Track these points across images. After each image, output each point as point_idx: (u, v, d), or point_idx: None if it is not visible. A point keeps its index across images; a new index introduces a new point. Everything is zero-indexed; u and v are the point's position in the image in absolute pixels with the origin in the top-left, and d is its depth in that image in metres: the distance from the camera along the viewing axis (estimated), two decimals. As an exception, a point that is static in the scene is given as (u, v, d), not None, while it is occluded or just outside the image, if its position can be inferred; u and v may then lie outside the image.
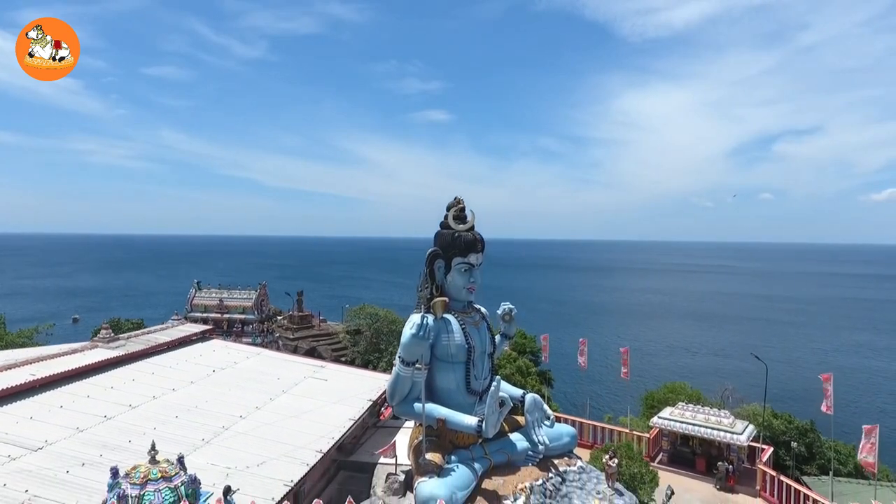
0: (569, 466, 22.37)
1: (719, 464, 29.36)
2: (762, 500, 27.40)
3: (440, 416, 19.32)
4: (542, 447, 21.25)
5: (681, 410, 32.28)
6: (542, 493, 19.89)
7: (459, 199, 22.64)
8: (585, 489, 21.59)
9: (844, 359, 70.72)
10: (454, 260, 21.45)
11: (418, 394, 19.08)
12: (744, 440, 29.09)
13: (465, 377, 20.64)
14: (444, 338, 20.37)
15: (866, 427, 21.35)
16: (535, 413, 21.87)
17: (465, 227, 21.89)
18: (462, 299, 21.87)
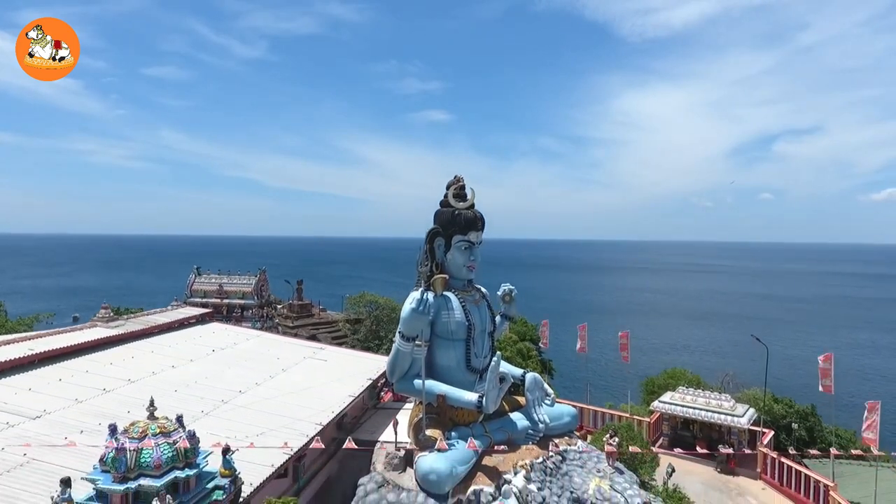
0: (569, 446, 22.32)
1: (720, 447, 29.27)
2: (763, 482, 27.38)
3: (440, 392, 19.26)
4: (543, 426, 21.19)
5: (681, 394, 32.24)
6: (542, 470, 19.84)
7: (459, 177, 22.50)
8: (586, 468, 21.54)
9: (844, 354, 70.75)
10: (454, 238, 21.35)
11: (418, 371, 19.01)
12: (744, 423, 29.05)
13: (466, 354, 20.57)
14: (445, 315, 20.28)
15: (869, 403, 21.31)
16: (536, 392, 21.80)
17: (465, 205, 21.77)
18: (462, 277, 21.77)
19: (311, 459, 20.00)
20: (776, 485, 26.66)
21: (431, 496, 16.39)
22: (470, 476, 17.75)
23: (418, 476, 16.82)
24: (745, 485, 27.34)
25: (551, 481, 19.75)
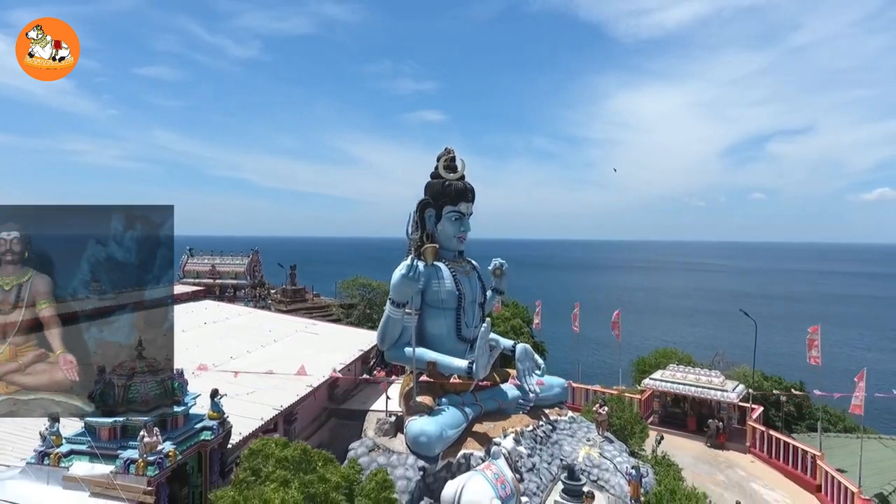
0: (559, 416, 22.56)
1: (710, 421, 29.59)
2: (752, 455, 27.65)
3: (431, 359, 19.37)
4: (533, 395, 21.38)
5: (671, 372, 32.46)
6: (533, 438, 20.04)
7: (450, 149, 22.54)
8: (576, 437, 21.77)
9: (834, 350, 71.25)
10: (445, 209, 21.43)
11: (409, 339, 19.11)
12: (734, 397, 29.31)
13: (456, 323, 20.69)
14: (435, 284, 20.39)
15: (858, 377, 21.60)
16: (526, 362, 21.96)
17: (455, 177, 21.84)
18: (453, 248, 21.87)
19: (301, 425, 20.10)
20: (765, 457, 26.94)
21: (421, 458, 16.53)
22: (460, 441, 17.92)
23: (408, 439, 16.96)
24: (734, 458, 27.60)
25: (541, 449, 19.96)
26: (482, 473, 15.21)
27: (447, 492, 15.00)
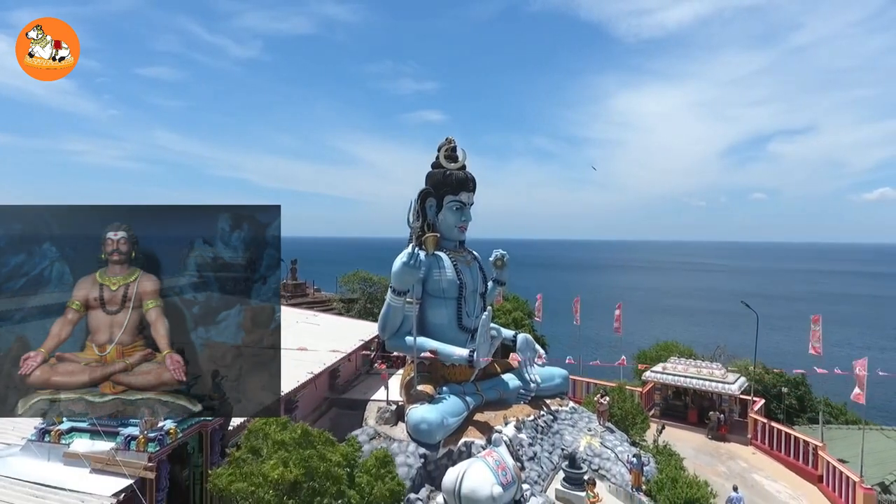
0: (561, 406, 22.54)
1: (711, 413, 29.53)
2: (753, 447, 27.60)
3: (431, 347, 19.34)
4: (535, 385, 21.37)
5: (673, 364, 32.40)
6: (534, 428, 20.03)
7: (451, 138, 22.51)
8: (577, 427, 21.75)
9: (838, 349, 70.92)
10: (446, 198, 21.41)
11: (410, 328, 19.10)
12: (735, 389, 29.25)
13: (457, 313, 20.67)
14: (436, 273, 20.37)
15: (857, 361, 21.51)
16: (527, 352, 21.95)
17: (456, 166, 21.82)
18: (454, 238, 21.85)
19: (302, 413, 20.07)
20: (766, 449, 26.88)
21: (422, 445, 16.53)
22: (461, 429, 17.92)
23: (409, 426, 16.96)
24: (735, 450, 27.55)
25: (542, 438, 19.96)
26: (483, 460, 15.19)
27: (448, 478, 14.99)
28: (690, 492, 17.06)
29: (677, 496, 16.92)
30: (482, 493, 14.15)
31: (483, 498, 14.12)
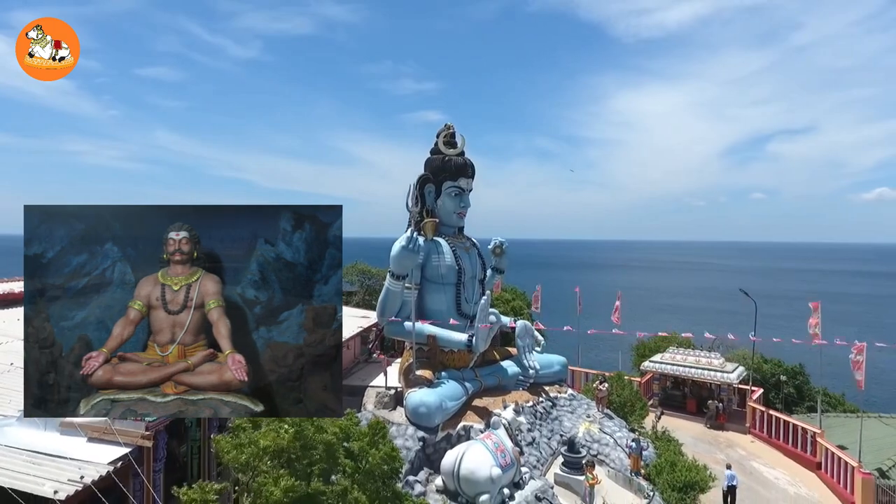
0: (559, 393, 22.55)
1: (709, 402, 29.54)
2: (752, 435, 27.63)
3: (430, 332, 19.32)
4: (533, 372, 21.35)
5: (671, 354, 32.41)
6: (532, 414, 20.02)
7: (450, 124, 22.43)
8: (576, 413, 21.74)
9: (836, 349, 70.80)
10: (444, 184, 21.35)
11: (409, 314, 19.07)
12: (734, 378, 29.26)
13: (456, 299, 20.63)
14: (435, 259, 20.32)
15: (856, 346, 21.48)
16: (526, 338, 21.92)
17: (455, 152, 21.75)
18: (453, 224, 21.80)
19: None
20: (765, 437, 26.91)
21: (421, 429, 16.49)
22: (460, 414, 17.88)
23: (408, 410, 16.92)
24: (734, 438, 27.58)
25: (541, 424, 19.96)
26: (482, 442, 15.19)
27: (447, 460, 14.98)
28: (689, 475, 17.06)
29: (676, 479, 16.92)
30: (481, 475, 14.15)
31: (482, 479, 14.12)
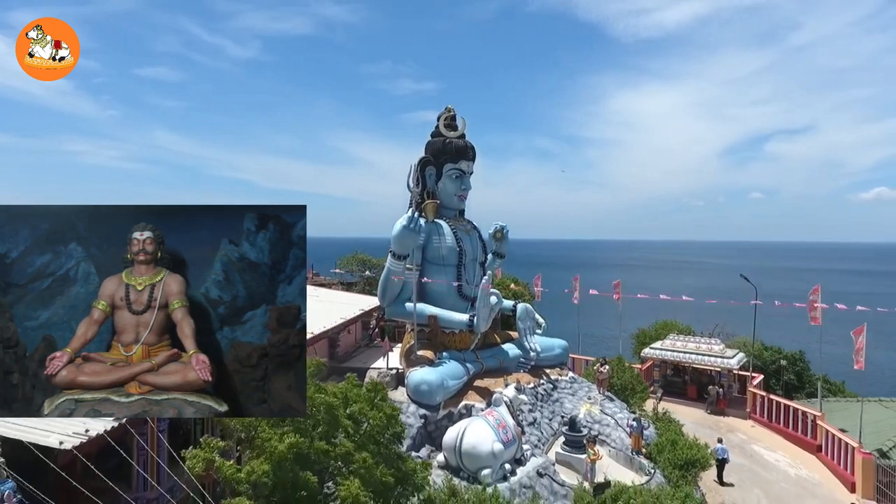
0: (560, 376, 22.58)
1: (710, 388, 29.61)
2: (752, 420, 27.69)
3: (431, 313, 19.35)
4: (534, 354, 21.36)
5: (671, 341, 32.47)
6: (533, 395, 20.05)
7: (450, 107, 22.39)
8: (577, 396, 21.77)
9: (834, 347, 70.68)
10: (445, 166, 21.32)
11: (410, 295, 19.09)
12: (734, 364, 29.32)
13: (457, 280, 20.66)
14: (436, 240, 20.32)
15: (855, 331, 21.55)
16: (527, 321, 21.93)
17: (455, 135, 21.72)
18: (454, 207, 21.79)
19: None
20: (765, 422, 26.98)
21: (423, 407, 16.54)
22: (461, 393, 17.93)
23: (410, 388, 16.96)
24: (734, 423, 27.64)
25: (542, 406, 19.99)
26: (484, 418, 15.22)
27: (449, 436, 15.02)
28: (690, 453, 17.10)
29: (677, 457, 16.96)
30: (483, 449, 14.19)
31: (484, 453, 14.15)
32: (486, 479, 13.85)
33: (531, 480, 14.68)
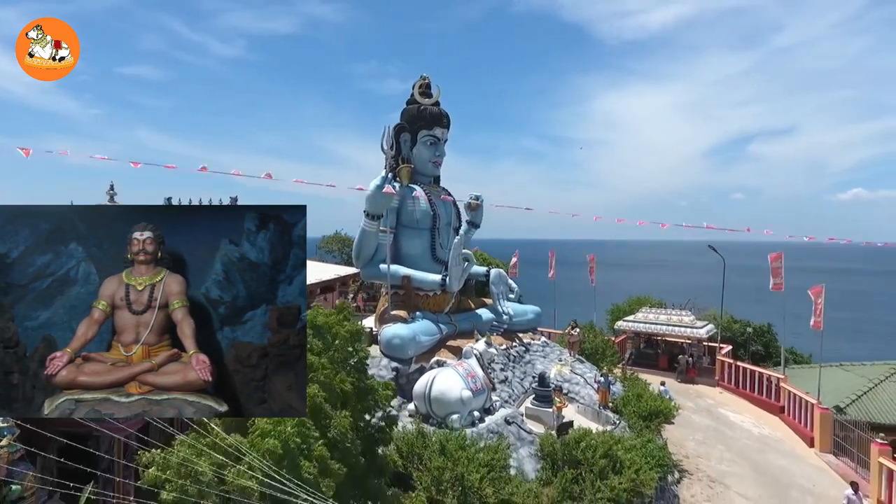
0: (533, 340, 23.10)
1: (679, 357, 30.46)
2: (721, 387, 28.54)
3: (404, 274, 19.71)
4: (507, 318, 21.86)
5: (644, 314, 33.27)
6: (506, 356, 20.53)
7: (425, 76, 22.69)
8: (548, 358, 22.31)
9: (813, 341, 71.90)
10: (420, 133, 21.63)
11: (384, 257, 19.44)
12: (703, 334, 30.17)
13: (431, 244, 21.02)
14: (410, 203, 20.66)
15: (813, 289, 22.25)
16: (500, 286, 22.40)
17: (430, 102, 22.02)
18: (428, 173, 22.13)
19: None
20: (732, 388, 27.84)
21: (395, 360, 16.93)
22: (434, 350, 18.35)
23: (382, 343, 17.34)
24: (703, 390, 28.47)
25: (514, 367, 20.48)
26: (454, 368, 15.66)
27: (419, 384, 15.44)
28: (654, 404, 17.73)
29: (642, 408, 17.56)
30: (451, 395, 14.62)
31: (452, 399, 14.59)
32: (453, 424, 14.29)
33: (499, 427, 15.13)
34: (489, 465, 12.14)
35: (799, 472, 19.17)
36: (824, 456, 20.64)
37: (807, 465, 19.89)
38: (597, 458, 13.26)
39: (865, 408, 22.75)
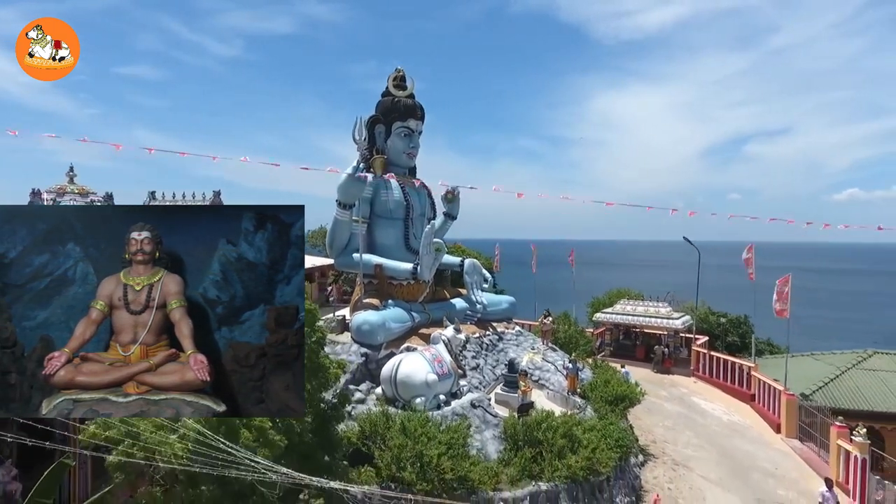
0: (507, 329, 23.43)
1: (656, 347, 30.87)
2: (695, 377, 28.99)
3: (377, 262, 19.98)
4: (481, 306, 22.18)
5: (622, 305, 33.70)
6: (479, 344, 20.85)
7: (400, 68, 22.94)
8: (521, 347, 22.65)
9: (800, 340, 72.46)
10: (394, 125, 21.89)
11: (357, 247, 19.68)
12: (679, 325, 30.61)
13: (404, 233, 21.30)
14: (384, 193, 20.94)
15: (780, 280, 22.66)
16: (474, 276, 22.71)
17: (404, 94, 22.29)
18: (402, 165, 22.38)
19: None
20: (706, 378, 28.30)
21: (364, 346, 17.19)
22: (404, 338, 18.61)
23: (353, 329, 17.60)
24: (678, 380, 28.92)
25: (487, 354, 20.79)
26: (420, 353, 15.94)
27: (386, 368, 15.72)
28: (620, 389, 18.08)
29: (609, 393, 17.91)
30: (417, 379, 14.90)
31: (418, 383, 14.87)
32: (418, 407, 14.57)
33: (464, 410, 15.42)
34: (448, 444, 12.44)
35: (763, 456, 19.62)
36: (790, 441, 21.11)
37: (771, 450, 20.34)
38: (556, 438, 13.61)
39: (832, 394, 23.25)
